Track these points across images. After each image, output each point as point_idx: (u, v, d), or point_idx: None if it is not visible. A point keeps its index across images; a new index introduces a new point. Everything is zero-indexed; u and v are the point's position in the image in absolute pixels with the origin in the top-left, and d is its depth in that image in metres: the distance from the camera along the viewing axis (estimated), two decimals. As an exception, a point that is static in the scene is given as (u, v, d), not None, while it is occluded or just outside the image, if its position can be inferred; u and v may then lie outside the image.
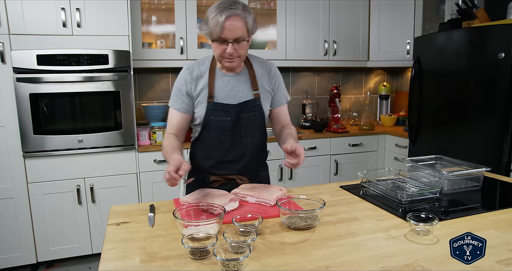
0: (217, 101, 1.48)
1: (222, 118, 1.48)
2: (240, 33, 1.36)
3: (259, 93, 1.53)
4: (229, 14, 1.32)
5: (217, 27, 1.32)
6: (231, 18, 1.33)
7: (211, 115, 1.48)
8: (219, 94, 1.49)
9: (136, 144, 2.60)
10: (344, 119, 3.74)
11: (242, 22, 1.35)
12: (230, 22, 1.32)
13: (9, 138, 2.36)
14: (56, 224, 2.50)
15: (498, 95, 2.26)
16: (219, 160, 1.53)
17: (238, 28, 1.34)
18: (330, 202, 1.40)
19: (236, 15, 1.33)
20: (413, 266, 0.93)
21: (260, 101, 1.53)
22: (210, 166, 1.54)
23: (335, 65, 3.41)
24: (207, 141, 1.52)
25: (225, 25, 1.32)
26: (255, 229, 1.06)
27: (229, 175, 1.56)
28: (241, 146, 1.53)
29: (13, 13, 2.26)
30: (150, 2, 2.88)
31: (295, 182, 3.07)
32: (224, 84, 1.50)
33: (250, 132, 1.53)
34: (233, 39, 1.36)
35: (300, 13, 3.17)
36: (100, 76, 2.44)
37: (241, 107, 1.49)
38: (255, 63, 1.57)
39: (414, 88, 2.82)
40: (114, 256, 1.00)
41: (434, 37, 2.68)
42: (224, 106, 1.48)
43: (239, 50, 1.39)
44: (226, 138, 1.50)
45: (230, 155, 1.53)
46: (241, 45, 1.39)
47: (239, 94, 1.50)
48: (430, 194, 1.44)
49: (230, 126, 1.49)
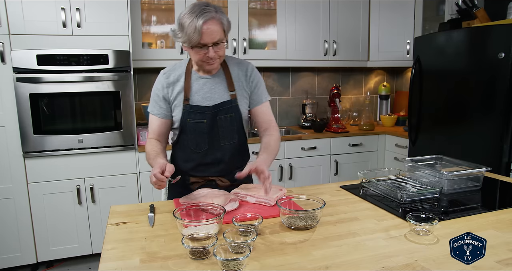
0: (193, 104, 1.48)
1: (199, 121, 1.48)
2: (218, 36, 1.35)
3: (235, 94, 1.52)
4: (206, 18, 1.31)
5: (195, 33, 1.31)
6: (208, 22, 1.31)
7: (187, 118, 1.48)
8: (195, 97, 1.49)
9: (136, 144, 2.60)
10: (344, 119, 3.74)
11: (218, 24, 1.34)
12: (207, 26, 1.31)
13: (9, 138, 2.36)
14: (56, 224, 2.50)
15: (498, 95, 2.26)
16: (198, 162, 1.53)
17: (215, 31, 1.34)
18: (330, 202, 1.40)
19: (212, 19, 1.32)
20: (413, 266, 0.93)
21: (236, 102, 1.51)
22: (190, 168, 1.55)
23: (335, 65, 3.41)
24: (185, 143, 1.53)
25: (203, 30, 1.31)
26: (255, 229, 1.06)
27: (209, 176, 1.55)
28: (219, 148, 1.52)
29: (13, 13, 2.26)
30: (150, 2, 2.88)
31: (295, 182, 3.07)
32: (200, 86, 1.50)
33: (227, 134, 1.52)
34: (212, 43, 1.35)
35: (300, 13, 3.17)
36: (100, 76, 2.44)
37: (217, 109, 1.49)
38: (231, 64, 1.55)
39: (414, 88, 2.82)
40: (114, 256, 0.99)
41: (434, 37, 2.68)
42: (200, 108, 1.48)
43: (218, 52, 1.39)
44: (203, 140, 1.50)
45: (209, 158, 1.52)
46: (220, 46, 1.38)
47: (215, 96, 1.50)
48: (430, 194, 1.44)
49: (207, 128, 1.49)
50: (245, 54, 3.03)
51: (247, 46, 3.03)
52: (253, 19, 3.16)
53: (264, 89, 1.61)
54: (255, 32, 3.20)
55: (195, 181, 1.55)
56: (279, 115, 3.60)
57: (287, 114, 3.64)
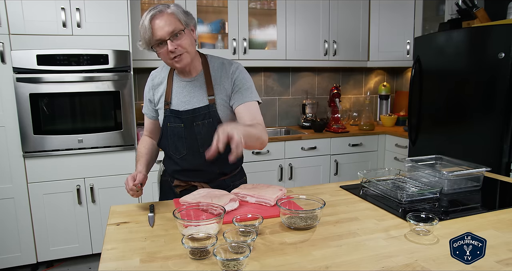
0: (172, 108, 1.46)
1: (177, 125, 1.46)
2: (172, 27, 1.29)
3: (214, 98, 1.43)
4: (152, 13, 1.29)
5: (147, 31, 1.28)
6: (156, 17, 1.29)
7: (167, 122, 1.47)
8: (175, 101, 1.46)
9: (136, 144, 2.60)
10: (344, 119, 3.74)
11: (169, 16, 1.30)
12: (156, 20, 1.29)
13: (9, 138, 2.36)
14: (56, 224, 2.50)
15: (498, 95, 2.26)
16: (180, 167, 1.51)
17: (167, 23, 1.29)
18: (330, 202, 1.40)
19: (159, 12, 1.29)
20: (413, 266, 0.93)
21: (215, 107, 1.43)
22: (175, 171, 1.54)
23: (335, 65, 3.41)
24: (166, 148, 1.53)
25: (153, 25, 1.28)
26: (255, 229, 1.06)
27: (191, 181, 1.53)
28: (198, 155, 1.45)
29: (13, 13, 2.26)
30: (150, 2, 2.88)
31: (295, 182, 3.07)
32: (180, 90, 1.47)
33: (207, 141, 1.37)
34: (168, 36, 1.30)
35: (300, 13, 3.17)
36: (100, 76, 2.44)
37: (193, 114, 1.43)
38: (214, 66, 1.47)
39: (414, 88, 2.82)
40: (114, 256, 0.99)
41: (434, 37, 2.68)
42: (177, 113, 1.45)
43: (181, 43, 1.32)
44: (182, 146, 1.47)
45: (188, 164, 1.49)
46: (180, 37, 1.31)
47: (194, 100, 1.45)
48: (430, 194, 1.44)
49: (185, 133, 1.45)
50: (245, 54, 3.03)
51: (247, 46, 3.03)
52: (253, 19, 3.16)
53: (251, 89, 1.46)
54: (255, 32, 3.20)
55: (178, 184, 1.55)
56: (279, 115, 3.61)
57: (287, 114, 3.64)
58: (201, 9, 2.95)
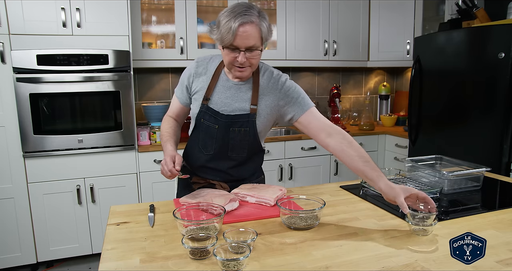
0: (210, 106, 1.42)
1: (210, 125, 1.43)
2: (253, 42, 1.26)
3: (256, 108, 1.40)
4: (243, 20, 1.23)
5: (229, 34, 1.23)
6: (245, 25, 1.23)
7: (202, 118, 1.44)
8: (215, 99, 1.42)
9: (136, 144, 2.60)
10: (344, 119, 3.74)
11: (256, 30, 1.25)
12: (243, 29, 1.23)
13: (9, 138, 2.36)
14: (56, 224, 2.50)
15: (498, 95, 2.26)
16: (203, 164, 1.49)
17: (251, 36, 1.25)
18: (330, 202, 1.40)
19: (250, 23, 1.24)
20: (413, 266, 0.93)
21: (255, 117, 1.40)
22: (195, 167, 1.52)
23: (335, 65, 3.41)
24: (195, 140, 1.50)
25: (238, 33, 1.23)
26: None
27: (211, 180, 1.51)
28: (226, 158, 1.46)
29: (13, 13, 2.25)
30: (150, 2, 2.88)
31: (295, 182, 3.07)
32: (224, 90, 1.42)
33: (237, 147, 1.43)
34: (245, 48, 1.27)
35: (300, 13, 3.17)
36: (100, 76, 2.44)
37: (232, 120, 1.41)
38: (264, 76, 1.43)
39: (414, 88, 2.82)
40: (114, 256, 0.99)
41: (434, 37, 2.68)
42: (215, 113, 1.41)
43: (251, 59, 1.30)
44: (211, 145, 1.45)
45: (213, 163, 1.47)
46: (254, 54, 1.29)
47: (235, 105, 1.41)
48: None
49: (218, 134, 1.42)
50: (245, 54, 3.02)
51: (247, 46, 3.02)
52: (253, 19, 3.16)
53: (306, 97, 1.43)
54: (255, 32, 3.19)
55: (196, 181, 1.53)
56: (279, 115, 3.60)
57: (287, 114, 3.63)
58: (201, 9, 2.95)
